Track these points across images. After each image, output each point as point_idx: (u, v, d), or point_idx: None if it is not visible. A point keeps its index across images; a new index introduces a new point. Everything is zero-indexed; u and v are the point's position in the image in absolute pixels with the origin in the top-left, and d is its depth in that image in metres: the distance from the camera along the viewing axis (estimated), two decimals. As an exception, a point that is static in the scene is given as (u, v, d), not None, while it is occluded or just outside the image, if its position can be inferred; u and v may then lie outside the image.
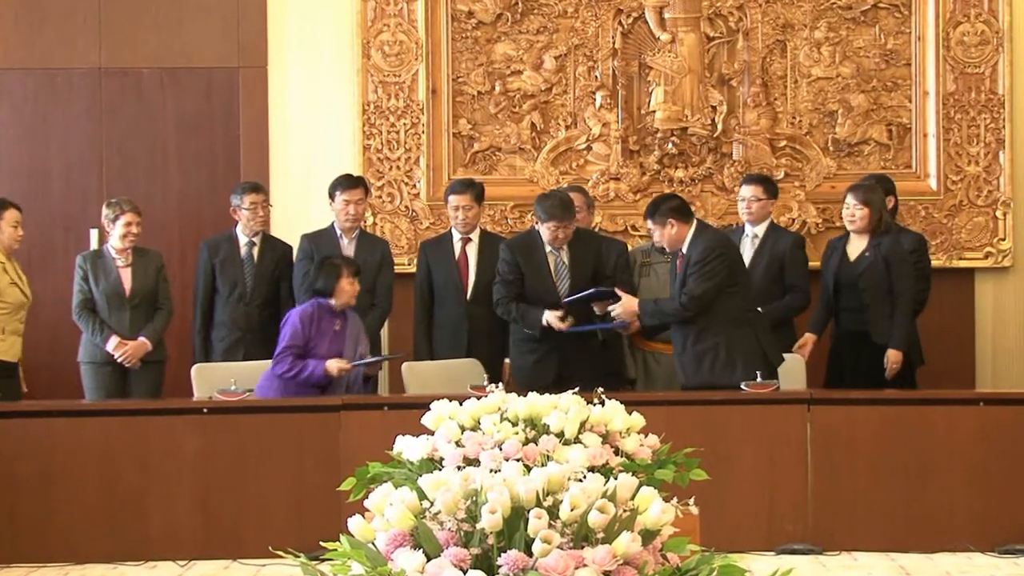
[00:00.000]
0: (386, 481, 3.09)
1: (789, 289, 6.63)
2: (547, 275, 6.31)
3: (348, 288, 6.11)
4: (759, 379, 5.82)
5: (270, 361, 6.12)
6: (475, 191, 6.66)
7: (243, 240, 6.78)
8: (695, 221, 6.07)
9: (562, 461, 3.11)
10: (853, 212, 6.45)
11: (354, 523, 2.67)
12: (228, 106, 7.51)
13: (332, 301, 6.10)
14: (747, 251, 6.69)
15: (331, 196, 6.68)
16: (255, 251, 6.77)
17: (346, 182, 6.68)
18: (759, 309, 6.29)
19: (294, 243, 6.83)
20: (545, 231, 6.24)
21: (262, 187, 6.87)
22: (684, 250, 6.01)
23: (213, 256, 6.75)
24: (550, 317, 6.16)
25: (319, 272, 6.17)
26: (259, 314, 6.72)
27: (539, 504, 2.57)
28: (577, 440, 3.66)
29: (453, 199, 6.66)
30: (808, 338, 6.57)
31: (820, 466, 5.71)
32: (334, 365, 6.05)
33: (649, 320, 6.06)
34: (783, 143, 7.45)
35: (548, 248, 6.31)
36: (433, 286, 6.62)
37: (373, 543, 2.61)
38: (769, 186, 6.78)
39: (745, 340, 5.94)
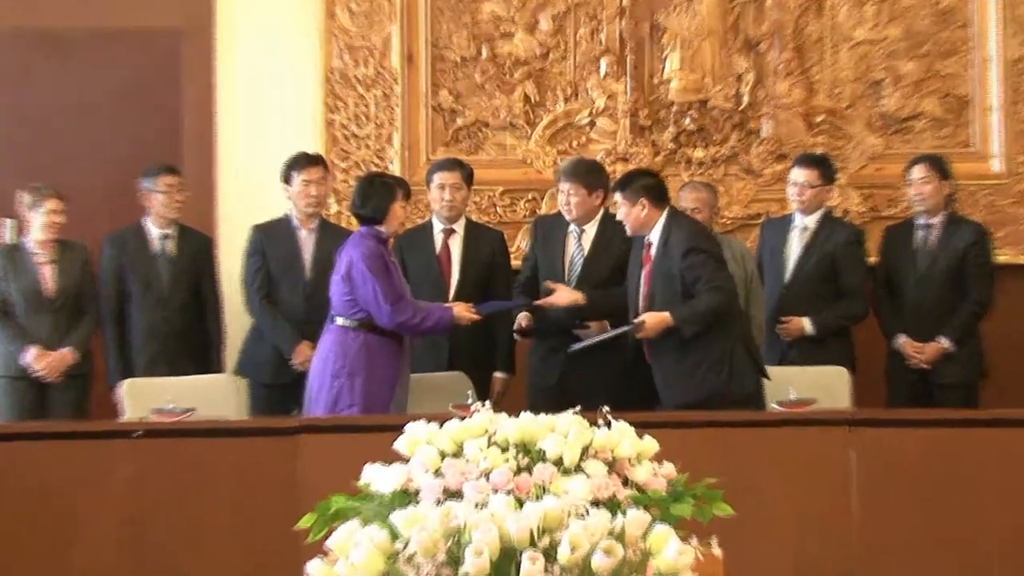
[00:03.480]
0: (352, 517, 3.06)
1: (843, 293, 6.66)
2: (556, 260, 6.36)
3: (400, 213, 6.08)
4: (792, 396, 5.80)
5: (210, 376, 6.05)
6: (465, 171, 6.67)
7: (155, 233, 6.77)
8: (668, 208, 6.09)
9: (561, 494, 3.08)
10: None
11: (314, 567, 2.64)
12: (168, 75, 7.51)
13: (383, 228, 6.03)
14: (794, 245, 6.75)
15: (286, 179, 6.68)
16: (170, 245, 6.77)
17: (303, 160, 6.69)
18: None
19: (243, 235, 6.80)
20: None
21: (178, 169, 6.87)
22: (652, 238, 6.03)
23: (120, 253, 6.74)
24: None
25: (367, 194, 6.04)
26: (180, 318, 6.73)
27: (533, 545, 2.54)
28: (579, 468, 3.62)
29: (439, 177, 6.64)
30: None
31: (865, 498, 5.68)
32: (463, 311, 6.07)
33: (692, 327, 5.95)
34: (820, 118, 7.47)
35: (571, 229, 6.35)
36: (409, 283, 6.58)
37: (335, 592, 2.58)
38: (826, 170, 6.79)
39: (736, 347, 5.99)
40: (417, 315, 5.96)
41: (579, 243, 6.38)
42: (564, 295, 6.24)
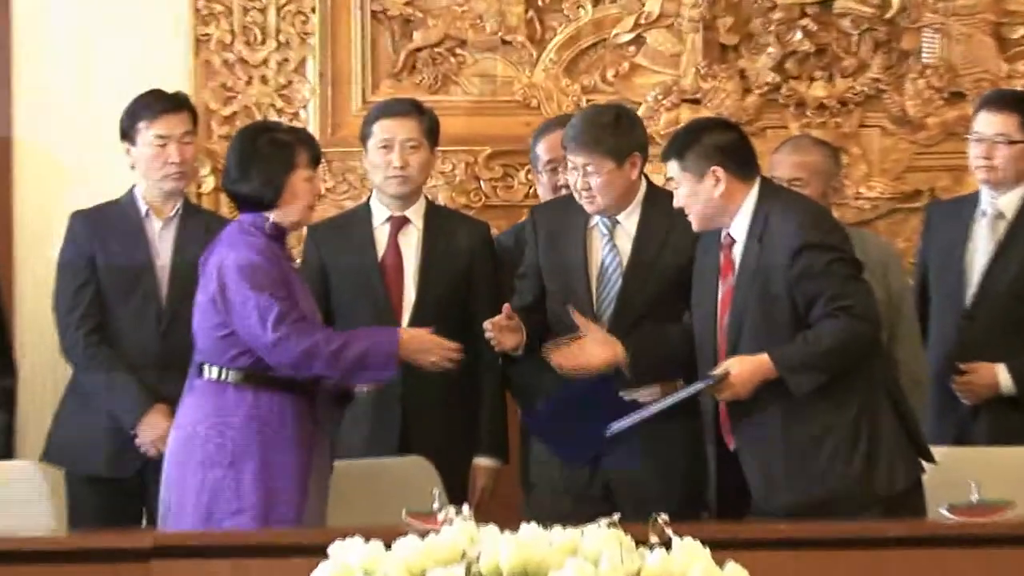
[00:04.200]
0: None
1: None
2: (576, 274, 6.37)
3: (305, 190, 6.06)
4: (976, 496, 5.81)
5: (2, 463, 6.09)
6: (426, 121, 6.72)
7: None
8: (759, 180, 6.10)
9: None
10: None
11: None
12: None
13: (274, 217, 6.05)
14: (981, 244, 6.78)
15: (128, 135, 6.73)
16: None
17: (157, 104, 6.74)
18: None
19: (56, 230, 6.84)
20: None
21: None
22: (736, 233, 6.04)
23: None
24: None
25: (248, 159, 6.05)
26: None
27: None
28: (618, 616, 3.65)
29: (384, 129, 6.68)
30: None
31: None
32: (420, 337, 6.14)
33: (807, 378, 5.93)
34: (1021, 33, 7.47)
35: (596, 221, 6.36)
36: (332, 307, 6.66)
37: None
38: None
39: (880, 413, 5.99)
40: (333, 340, 5.95)
41: (612, 243, 6.36)
42: (597, 350, 6.14)
